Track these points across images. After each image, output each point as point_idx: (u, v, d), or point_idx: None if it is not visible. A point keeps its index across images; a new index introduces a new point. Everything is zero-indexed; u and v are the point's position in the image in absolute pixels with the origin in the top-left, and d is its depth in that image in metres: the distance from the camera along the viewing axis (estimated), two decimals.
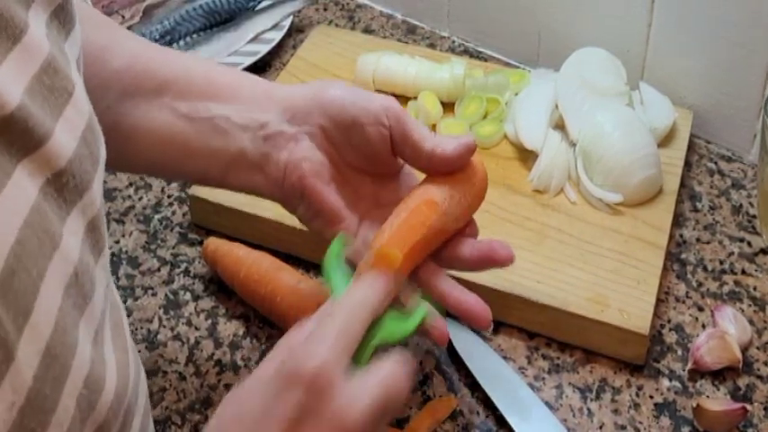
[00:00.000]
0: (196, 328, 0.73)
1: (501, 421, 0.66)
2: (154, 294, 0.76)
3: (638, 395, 0.68)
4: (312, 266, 0.77)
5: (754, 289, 0.74)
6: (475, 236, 0.59)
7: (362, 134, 0.56)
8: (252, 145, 0.59)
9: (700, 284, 0.75)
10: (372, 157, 0.58)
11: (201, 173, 0.61)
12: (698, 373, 0.69)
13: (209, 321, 0.74)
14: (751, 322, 0.71)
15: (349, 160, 0.58)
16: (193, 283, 0.77)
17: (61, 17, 0.43)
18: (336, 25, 1.03)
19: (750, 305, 0.73)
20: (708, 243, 0.78)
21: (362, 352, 0.48)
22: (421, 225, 0.54)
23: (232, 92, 0.60)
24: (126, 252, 0.80)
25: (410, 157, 0.58)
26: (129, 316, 0.74)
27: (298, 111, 0.58)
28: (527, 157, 0.81)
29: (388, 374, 0.45)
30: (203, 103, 0.59)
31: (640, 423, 0.66)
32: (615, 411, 0.67)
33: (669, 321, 0.72)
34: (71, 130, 0.40)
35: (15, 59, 0.37)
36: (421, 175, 0.59)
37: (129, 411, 0.44)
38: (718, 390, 0.68)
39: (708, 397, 0.67)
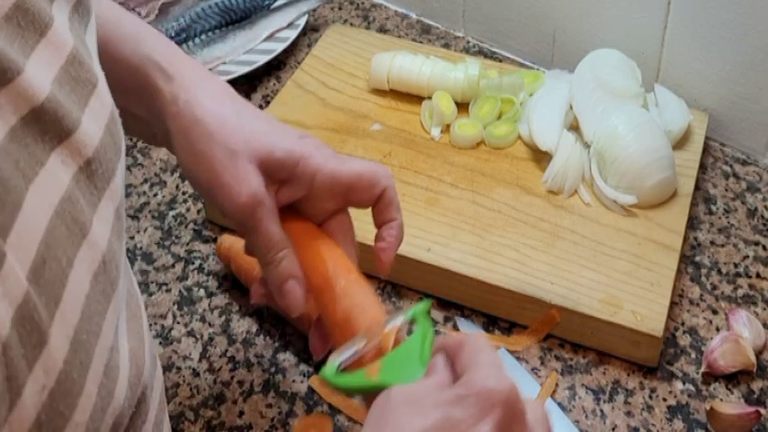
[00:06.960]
0: (210, 325, 0.74)
1: None
2: (168, 291, 0.77)
3: (651, 397, 0.67)
4: None
5: None
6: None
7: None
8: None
9: (714, 287, 0.75)
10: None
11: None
12: (711, 376, 0.68)
13: (223, 318, 0.74)
14: (765, 326, 0.71)
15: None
16: (207, 280, 0.77)
17: (80, 10, 0.44)
18: (351, 24, 1.04)
19: (765, 309, 0.73)
20: (722, 246, 0.78)
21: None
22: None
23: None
24: (140, 248, 0.80)
25: (374, 212, 0.56)
26: None
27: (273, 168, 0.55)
28: (541, 157, 0.81)
29: (545, 410, 0.44)
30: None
31: (653, 425, 0.66)
32: (628, 413, 0.66)
33: (683, 324, 0.72)
34: (97, 120, 0.41)
35: (43, 52, 0.38)
36: None
37: (144, 402, 0.45)
38: (732, 393, 0.68)
39: (721, 400, 0.67)
